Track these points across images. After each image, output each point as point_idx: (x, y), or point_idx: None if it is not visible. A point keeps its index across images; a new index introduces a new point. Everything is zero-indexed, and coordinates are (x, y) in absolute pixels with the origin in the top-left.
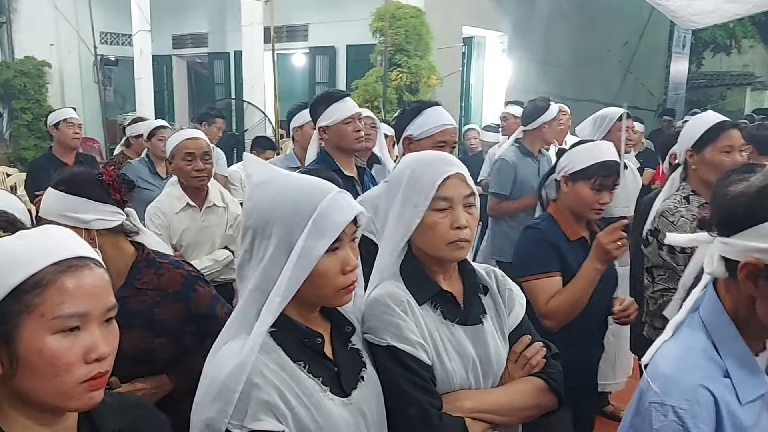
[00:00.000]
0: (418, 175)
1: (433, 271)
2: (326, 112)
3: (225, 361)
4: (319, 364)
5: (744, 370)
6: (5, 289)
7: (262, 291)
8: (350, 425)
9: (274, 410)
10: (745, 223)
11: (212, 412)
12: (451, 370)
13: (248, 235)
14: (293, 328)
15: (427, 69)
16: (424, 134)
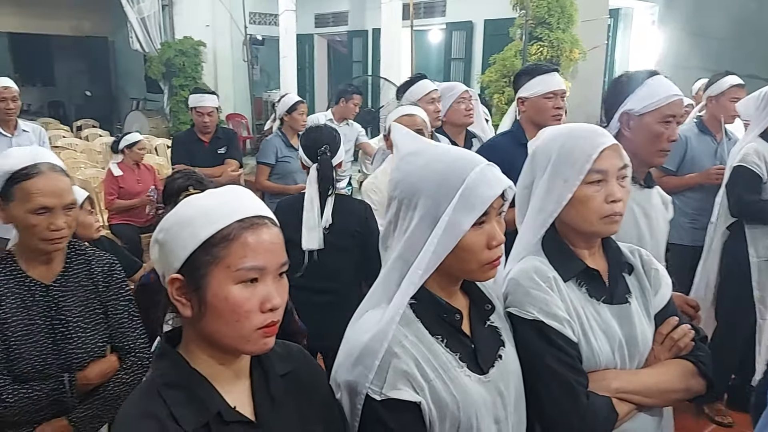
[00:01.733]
0: (570, 148)
1: (578, 247)
2: (529, 84)
3: (366, 328)
4: (456, 340)
5: None
6: (197, 240)
7: (405, 261)
8: (487, 402)
9: (412, 381)
10: None
11: (353, 376)
12: (597, 348)
13: (394, 205)
14: (433, 302)
15: (570, 42)
16: (647, 108)
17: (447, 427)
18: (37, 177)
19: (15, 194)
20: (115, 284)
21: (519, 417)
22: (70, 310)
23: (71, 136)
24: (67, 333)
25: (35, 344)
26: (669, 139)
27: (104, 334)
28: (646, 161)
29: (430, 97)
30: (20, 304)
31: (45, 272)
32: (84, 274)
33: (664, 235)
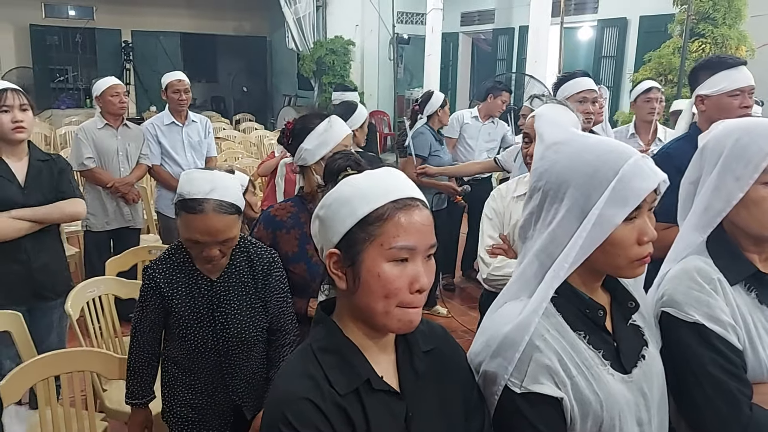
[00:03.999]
0: (745, 144)
1: (748, 250)
2: (711, 80)
3: (506, 319)
4: (599, 337)
5: None
6: (354, 218)
7: (549, 255)
8: (630, 403)
9: (554, 376)
10: None
11: (492, 367)
12: (765, 358)
13: (537, 196)
14: (575, 296)
15: (736, 39)
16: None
17: (589, 426)
18: (198, 215)
19: (180, 218)
20: (275, 280)
21: (661, 420)
22: (230, 304)
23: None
24: (226, 323)
25: (198, 331)
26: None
27: (259, 325)
28: None
29: (581, 96)
30: (188, 293)
31: (212, 269)
32: (246, 271)
33: None
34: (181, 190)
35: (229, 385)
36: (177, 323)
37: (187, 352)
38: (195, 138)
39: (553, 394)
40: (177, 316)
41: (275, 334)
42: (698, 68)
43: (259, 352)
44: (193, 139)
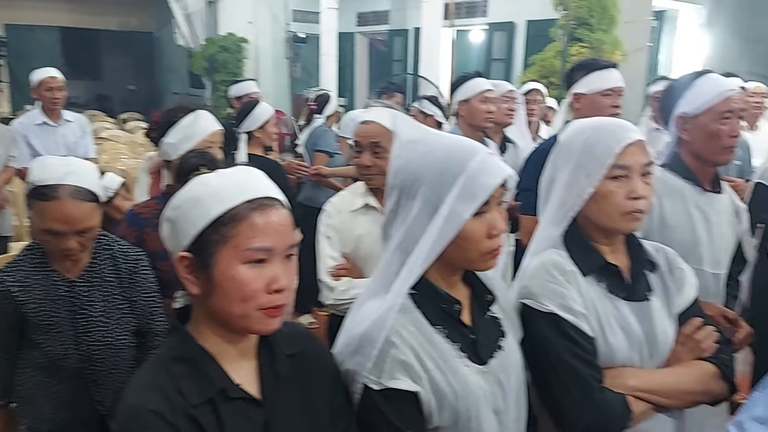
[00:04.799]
0: (594, 142)
1: (600, 243)
2: (585, 79)
3: (364, 317)
4: (456, 331)
5: None
6: (207, 220)
7: (404, 251)
8: (486, 393)
9: (410, 371)
10: None
11: (351, 365)
12: (615, 345)
13: (394, 194)
14: (433, 292)
15: (611, 44)
16: (700, 108)
17: (446, 417)
18: (52, 202)
19: (33, 208)
20: (141, 278)
21: (520, 409)
22: (93, 305)
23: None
24: (88, 327)
25: (57, 336)
26: (730, 135)
27: (125, 328)
28: (711, 161)
29: (483, 96)
30: (44, 296)
31: (71, 266)
32: (109, 269)
33: (727, 243)
34: (33, 178)
35: (95, 396)
36: (34, 329)
37: (46, 360)
38: (71, 138)
39: (409, 389)
40: (33, 321)
41: (145, 337)
42: (574, 68)
43: (127, 357)
44: (69, 139)
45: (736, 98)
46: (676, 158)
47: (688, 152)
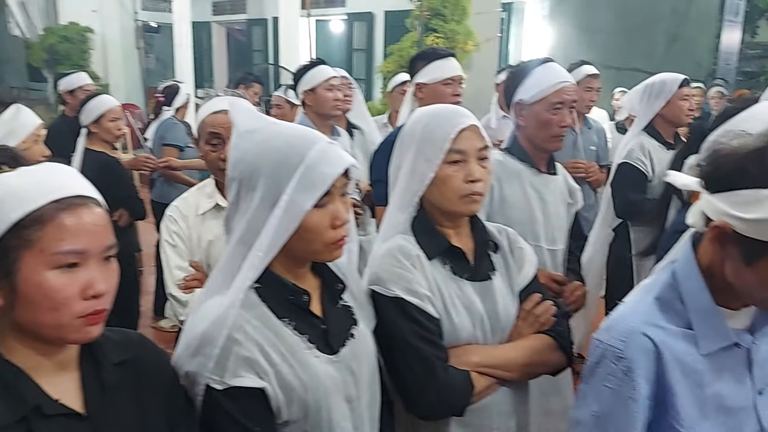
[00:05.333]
0: (431, 128)
1: (444, 226)
2: (426, 69)
3: (205, 316)
4: (305, 322)
5: (706, 322)
6: (6, 224)
7: (246, 244)
8: (337, 382)
9: (255, 367)
10: (726, 184)
11: (193, 366)
12: (459, 324)
13: (234, 186)
14: (279, 284)
15: (464, 34)
16: (535, 97)
17: (295, 410)
18: None
19: None
20: None
21: (372, 395)
22: None
23: None
24: None
25: None
26: (559, 125)
27: None
28: (543, 148)
29: (329, 84)
30: None
31: None
32: None
33: (562, 221)
34: None
35: None
36: None
37: None
38: None
39: (255, 386)
40: None
41: None
42: (415, 59)
43: None
44: None
45: (569, 90)
46: (515, 142)
47: (524, 137)
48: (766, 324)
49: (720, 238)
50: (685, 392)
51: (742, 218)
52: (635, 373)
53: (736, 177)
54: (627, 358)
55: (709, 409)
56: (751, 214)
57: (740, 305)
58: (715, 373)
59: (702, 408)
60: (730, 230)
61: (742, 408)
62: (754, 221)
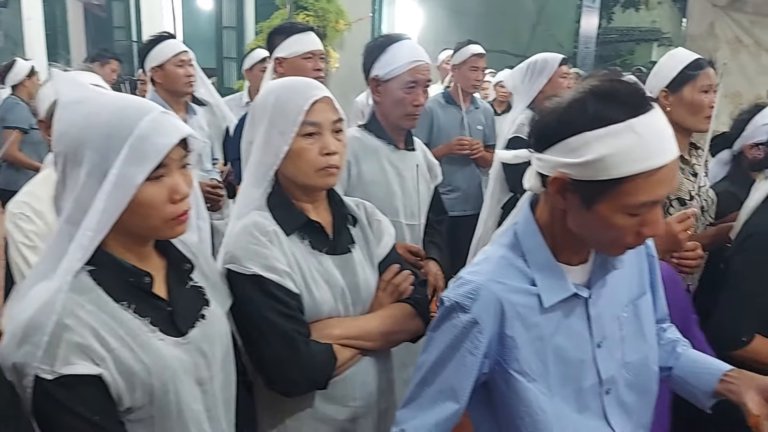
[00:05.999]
0: (284, 100)
1: (301, 201)
2: (285, 43)
3: (31, 303)
4: (147, 304)
5: (547, 277)
6: None
7: (74, 223)
8: (186, 365)
9: (89, 353)
10: (554, 138)
11: (19, 357)
12: (320, 298)
13: (60, 161)
14: (116, 266)
15: (335, 13)
16: (391, 74)
17: (138, 396)
18: None
19: None
20: None
21: (227, 376)
22: None
23: None
24: None
25: None
26: (413, 103)
27: None
28: (397, 125)
29: (178, 60)
30: None
31: None
32: None
33: (421, 196)
34: None
35: None
36: None
37: None
38: None
39: (89, 372)
40: None
41: None
42: (273, 33)
43: None
44: None
45: (423, 69)
46: (373, 118)
47: (381, 113)
48: (601, 279)
49: (560, 189)
50: (528, 346)
51: (576, 163)
52: (478, 328)
53: (561, 128)
54: (472, 314)
55: (551, 362)
56: (583, 158)
57: (578, 261)
58: (556, 327)
59: (544, 360)
60: (567, 179)
61: (582, 360)
62: (586, 164)
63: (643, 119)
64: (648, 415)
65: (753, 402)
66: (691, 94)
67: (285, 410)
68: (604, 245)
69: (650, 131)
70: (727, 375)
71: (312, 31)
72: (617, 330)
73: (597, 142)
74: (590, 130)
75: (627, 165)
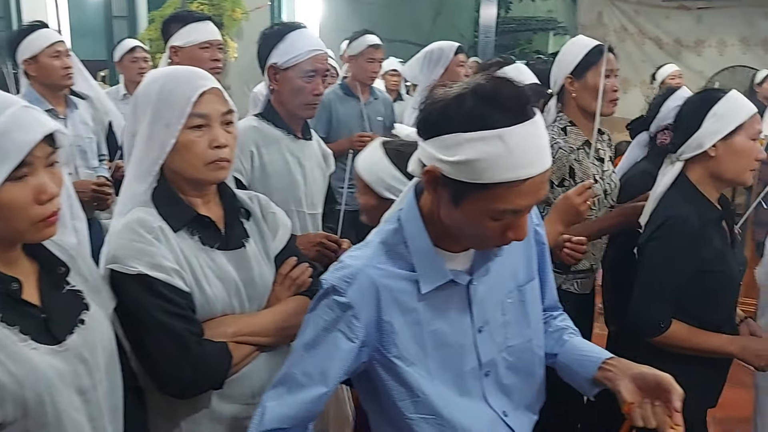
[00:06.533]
0: (169, 91)
1: (190, 195)
2: (182, 32)
3: None
4: (16, 312)
5: (426, 263)
6: None
7: None
8: (64, 373)
9: None
10: (433, 131)
11: None
12: (212, 296)
13: None
14: None
15: (231, 2)
16: (289, 63)
17: (10, 410)
18: None
19: None
20: None
21: (112, 383)
22: None
23: None
24: None
25: None
26: (313, 92)
27: None
28: (295, 114)
29: (54, 50)
30: None
31: None
32: None
33: (319, 185)
34: None
35: None
36: None
37: None
38: None
39: None
40: None
41: None
42: (169, 20)
43: None
44: None
45: (322, 58)
46: (269, 107)
47: (279, 102)
48: (483, 266)
49: (432, 181)
50: (405, 331)
51: (447, 161)
52: (353, 312)
53: (441, 123)
54: (348, 298)
55: (430, 346)
56: (454, 157)
57: (460, 249)
58: (435, 312)
59: (422, 345)
60: (439, 174)
61: (462, 345)
62: (456, 163)
63: (517, 130)
64: (530, 396)
65: (626, 390)
66: (594, 79)
67: (180, 413)
68: (472, 242)
69: (521, 143)
70: (605, 363)
71: (210, 21)
72: (500, 315)
73: (468, 145)
74: (464, 131)
75: (492, 172)
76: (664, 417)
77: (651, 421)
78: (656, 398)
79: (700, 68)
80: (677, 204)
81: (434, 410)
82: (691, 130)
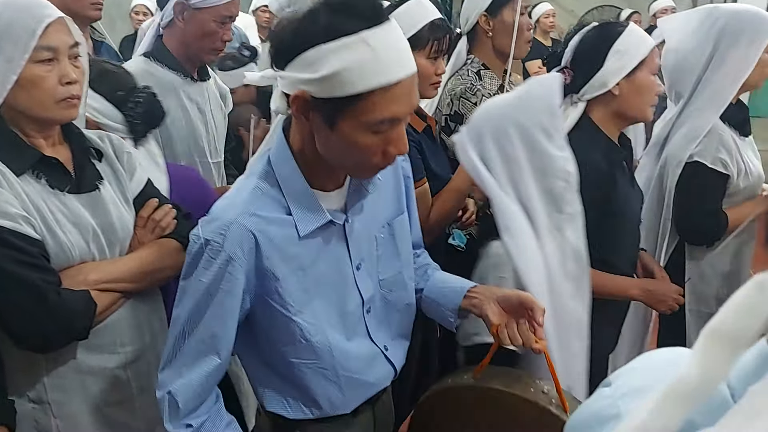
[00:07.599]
0: (9, 22)
1: (32, 136)
2: None
3: None
4: None
5: (302, 205)
6: None
7: None
8: None
9: None
10: (291, 53)
11: None
12: (67, 243)
13: None
14: None
15: None
16: (205, 3)
17: None
18: None
19: None
20: None
21: None
22: None
23: None
24: None
25: None
26: (223, 38)
27: None
28: (198, 57)
29: None
30: None
31: None
32: None
33: (221, 130)
34: None
35: None
36: None
37: None
38: None
39: None
40: None
41: None
42: None
43: None
44: None
45: (236, 5)
46: (160, 46)
47: (180, 41)
48: (357, 202)
49: (301, 108)
50: (288, 277)
51: (313, 79)
52: (233, 266)
53: (297, 41)
54: (225, 251)
55: (314, 289)
56: (319, 72)
57: (333, 186)
58: (315, 254)
59: (307, 289)
60: (308, 97)
61: (344, 284)
62: (323, 79)
63: (377, 32)
64: (406, 326)
65: (492, 313)
66: (510, 17)
67: (43, 368)
68: (353, 168)
69: (385, 45)
70: (470, 291)
71: None
72: (374, 250)
73: (332, 56)
74: (324, 42)
75: (362, 80)
76: (528, 334)
77: (518, 339)
78: (521, 317)
79: (572, 7)
80: (585, 149)
81: (317, 354)
82: (594, 69)
